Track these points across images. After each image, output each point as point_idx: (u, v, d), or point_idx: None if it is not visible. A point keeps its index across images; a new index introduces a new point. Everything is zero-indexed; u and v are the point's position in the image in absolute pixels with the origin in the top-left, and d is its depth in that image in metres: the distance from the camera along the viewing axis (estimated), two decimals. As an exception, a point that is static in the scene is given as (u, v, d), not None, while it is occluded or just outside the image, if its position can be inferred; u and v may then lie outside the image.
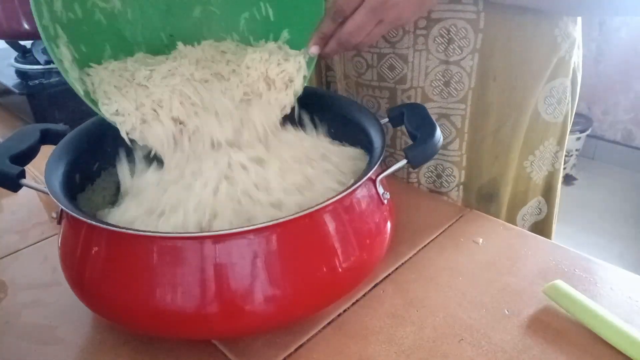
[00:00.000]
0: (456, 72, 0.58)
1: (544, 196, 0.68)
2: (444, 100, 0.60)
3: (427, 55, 0.58)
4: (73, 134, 0.47)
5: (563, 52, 0.59)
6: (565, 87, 0.62)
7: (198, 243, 0.34)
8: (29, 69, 0.87)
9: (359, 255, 0.39)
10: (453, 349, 0.39)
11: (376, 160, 0.41)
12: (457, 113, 0.61)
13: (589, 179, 2.22)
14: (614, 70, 2.21)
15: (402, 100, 0.62)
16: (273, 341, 0.40)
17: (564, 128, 0.65)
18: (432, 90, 0.60)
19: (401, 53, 0.58)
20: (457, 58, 0.57)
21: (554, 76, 0.60)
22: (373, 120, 0.47)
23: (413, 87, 0.60)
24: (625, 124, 2.27)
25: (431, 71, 0.59)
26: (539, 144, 0.64)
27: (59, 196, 0.38)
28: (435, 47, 0.57)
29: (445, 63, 0.58)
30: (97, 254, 0.37)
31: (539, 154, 0.64)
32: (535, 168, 0.65)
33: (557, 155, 0.66)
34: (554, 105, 0.62)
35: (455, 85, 0.59)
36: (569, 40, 0.59)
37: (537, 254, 0.49)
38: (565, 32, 0.58)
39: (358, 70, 0.63)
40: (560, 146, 0.66)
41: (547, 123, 0.63)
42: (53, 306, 0.44)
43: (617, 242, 1.83)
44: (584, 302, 0.40)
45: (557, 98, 0.62)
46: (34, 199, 0.63)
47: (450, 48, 0.57)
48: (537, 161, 0.65)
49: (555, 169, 0.67)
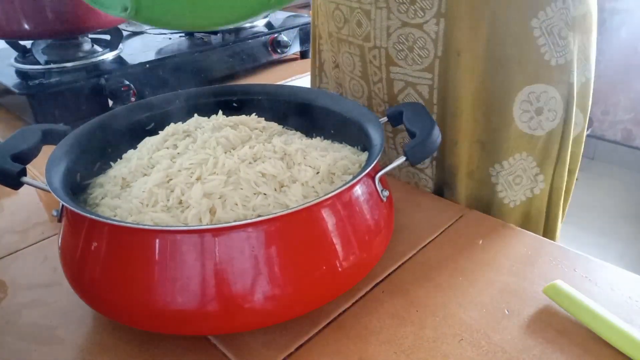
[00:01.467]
0: (419, 37, 0.54)
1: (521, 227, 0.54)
2: (410, 67, 0.57)
3: (389, 14, 0.55)
4: (74, 133, 0.47)
5: (547, 55, 0.53)
6: (549, 98, 0.55)
7: (198, 236, 0.34)
8: (29, 69, 0.87)
9: (358, 252, 0.39)
10: (453, 349, 0.39)
11: (375, 157, 0.41)
12: (423, 82, 0.57)
13: (589, 179, 2.23)
14: (614, 70, 2.21)
15: (370, 59, 0.60)
16: (273, 341, 0.40)
17: (547, 147, 0.57)
18: (397, 54, 0.57)
19: (365, 9, 0.56)
20: (420, 21, 0.53)
21: (535, 80, 0.54)
22: (372, 119, 0.48)
23: (377, 47, 0.58)
24: (625, 124, 2.27)
25: (393, 32, 0.55)
26: (509, 155, 0.57)
27: (60, 192, 0.38)
28: (397, 7, 0.54)
29: (407, 25, 0.54)
30: (98, 249, 0.37)
31: (508, 166, 0.57)
32: (502, 182, 0.58)
33: (536, 179, 0.58)
34: (530, 114, 0.55)
35: (419, 52, 0.55)
36: (552, 40, 0.52)
37: (537, 254, 0.49)
38: (548, 29, 0.51)
39: (337, 25, 0.62)
40: (542, 169, 0.58)
41: (521, 133, 0.56)
42: (53, 306, 0.45)
43: (617, 242, 1.83)
44: (584, 302, 0.40)
45: (537, 107, 0.55)
46: (34, 199, 0.63)
47: (412, 9, 0.53)
48: (505, 174, 0.58)
49: (535, 195, 0.59)
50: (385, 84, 0.60)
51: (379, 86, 0.61)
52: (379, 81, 0.61)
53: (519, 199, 0.60)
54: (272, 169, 0.42)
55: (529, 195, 0.60)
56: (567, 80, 0.55)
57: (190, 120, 0.53)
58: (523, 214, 0.61)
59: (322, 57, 0.72)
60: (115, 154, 0.51)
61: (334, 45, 0.65)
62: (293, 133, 0.55)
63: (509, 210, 0.60)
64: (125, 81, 0.85)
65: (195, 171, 0.43)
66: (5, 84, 0.82)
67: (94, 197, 0.45)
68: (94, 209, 0.43)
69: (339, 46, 0.63)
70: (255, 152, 0.45)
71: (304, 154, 0.46)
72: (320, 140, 0.52)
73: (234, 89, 0.59)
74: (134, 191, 0.43)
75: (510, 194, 0.59)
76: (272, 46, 1.07)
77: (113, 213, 0.41)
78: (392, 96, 0.60)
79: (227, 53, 1.01)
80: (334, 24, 0.62)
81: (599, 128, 2.33)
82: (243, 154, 0.45)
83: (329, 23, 0.64)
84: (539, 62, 0.53)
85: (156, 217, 0.39)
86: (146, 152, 0.48)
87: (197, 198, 0.39)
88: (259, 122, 0.53)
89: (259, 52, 1.06)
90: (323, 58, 0.72)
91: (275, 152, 0.46)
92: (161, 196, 0.41)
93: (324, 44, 0.69)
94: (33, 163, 0.45)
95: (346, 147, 0.52)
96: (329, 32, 0.64)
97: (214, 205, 0.39)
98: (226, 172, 0.42)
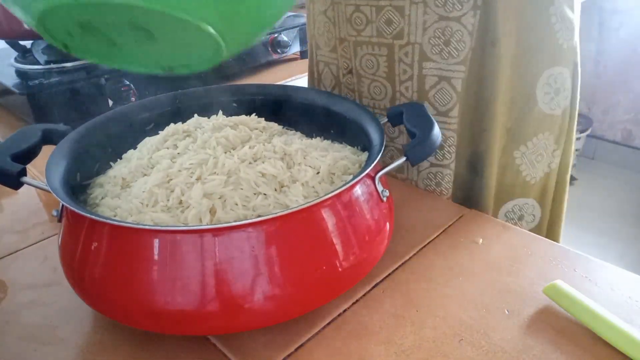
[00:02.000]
0: (457, 30, 0.55)
1: (538, 201, 0.64)
2: (444, 61, 0.57)
3: (425, 9, 0.55)
4: (74, 133, 0.47)
5: (560, 39, 0.57)
6: (564, 78, 0.60)
7: (198, 237, 0.34)
8: (29, 69, 0.87)
9: (358, 252, 0.39)
10: (453, 349, 0.39)
11: (375, 157, 0.41)
12: (457, 76, 0.57)
13: (589, 179, 2.22)
14: (614, 70, 2.21)
15: (400, 57, 0.59)
16: (273, 341, 0.40)
17: (562, 124, 0.62)
18: (432, 49, 0.57)
19: (397, 5, 0.56)
20: (458, 14, 0.54)
21: (553, 63, 0.58)
22: (372, 119, 0.48)
23: (410, 43, 0.58)
24: (625, 124, 2.27)
25: (429, 27, 0.56)
26: (532, 136, 0.61)
27: (60, 192, 0.38)
28: (434, 1, 0.54)
29: (445, 19, 0.54)
30: (98, 249, 0.37)
31: (532, 146, 0.61)
32: (526, 162, 0.62)
33: (553, 155, 0.63)
34: (551, 95, 0.59)
35: (456, 45, 0.56)
36: (564, 24, 0.56)
37: (537, 254, 0.49)
38: (561, 14, 0.55)
39: (357, 28, 0.61)
40: (558, 145, 0.63)
41: (544, 114, 0.60)
42: (53, 306, 0.44)
43: (617, 242, 1.83)
44: (584, 302, 0.40)
45: (555, 88, 0.59)
46: (34, 199, 0.63)
47: (450, 2, 0.53)
48: (530, 154, 0.61)
49: (552, 169, 0.64)
50: (416, 80, 0.60)
51: (407, 84, 0.61)
52: (408, 79, 0.61)
53: (539, 176, 0.63)
54: (272, 169, 0.42)
55: (546, 170, 0.64)
56: (574, 60, 0.60)
57: (190, 121, 0.53)
58: (541, 187, 0.65)
59: (320, 68, 0.71)
60: (115, 154, 0.51)
61: (347, 51, 0.64)
62: (293, 133, 0.55)
63: (530, 187, 0.63)
64: (125, 81, 0.85)
65: (195, 171, 0.43)
66: (5, 84, 0.82)
67: (94, 197, 0.45)
68: (94, 209, 0.43)
69: (355, 50, 0.63)
70: (255, 152, 0.45)
71: (304, 154, 0.46)
72: (320, 140, 0.52)
73: (234, 89, 0.59)
74: (134, 191, 0.43)
75: (532, 172, 0.63)
76: (272, 46, 1.07)
77: (113, 213, 0.41)
78: (423, 93, 0.60)
79: (227, 53, 1.01)
80: (351, 28, 0.62)
81: (599, 128, 2.33)
82: (243, 154, 0.45)
83: (341, 28, 0.63)
84: (555, 46, 0.57)
85: (156, 217, 0.39)
86: (146, 152, 0.48)
87: (197, 198, 0.39)
88: (259, 122, 0.53)
89: (259, 52, 1.06)
90: (321, 69, 0.71)
91: (276, 152, 0.46)
92: (161, 196, 0.41)
93: (324, 54, 0.69)
94: (33, 163, 0.45)
95: (346, 147, 0.52)
96: (341, 37, 0.64)
97: (214, 205, 0.39)
98: (226, 172, 0.42)
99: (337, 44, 0.65)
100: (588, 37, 2.21)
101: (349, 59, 0.65)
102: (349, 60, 0.65)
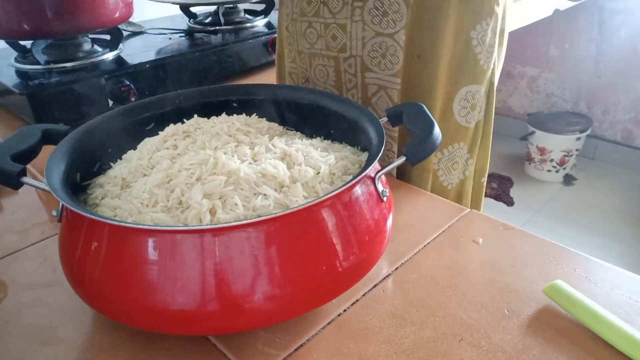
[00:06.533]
0: (391, 45, 0.62)
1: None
2: (382, 72, 0.64)
3: (364, 26, 0.63)
4: (74, 133, 0.47)
5: (481, 61, 0.63)
6: (480, 95, 0.65)
7: (198, 237, 0.34)
8: (29, 69, 0.87)
9: (358, 252, 0.39)
10: (453, 349, 0.39)
11: (375, 157, 0.41)
12: (393, 87, 0.65)
13: (589, 179, 2.22)
14: (614, 70, 2.20)
15: (345, 68, 0.67)
16: (273, 341, 0.40)
17: (475, 135, 0.68)
18: (371, 61, 0.64)
19: (340, 23, 0.64)
20: (391, 31, 0.61)
21: (472, 81, 0.64)
22: (372, 119, 0.48)
23: (352, 56, 0.65)
24: (625, 124, 2.27)
25: (368, 41, 0.63)
26: (448, 144, 0.67)
27: (60, 192, 0.38)
28: (371, 19, 0.62)
29: (381, 35, 0.62)
30: (98, 249, 0.37)
31: (447, 154, 0.68)
32: (442, 167, 0.68)
33: (467, 163, 0.70)
34: (467, 109, 0.65)
35: (391, 58, 0.63)
36: (484, 48, 0.62)
37: (537, 254, 0.49)
38: (482, 38, 0.61)
39: (310, 41, 0.69)
40: (471, 154, 0.69)
41: (459, 126, 0.66)
42: (53, 306, 0.45)
43: (617, 242, 1.83)
44: (584, 302, 0.40)
45: (472, 104, 0.65)
46: (34, 199, 0.63)
47: (385, 20, 0.61)
48: (445, 161, 0.68)
49: (466, 176, 0.70)
50: (360, 89, 0.68)
51: (353, 92, 0.69)
52: (353, 87, 0.68)
53: (454, 182, 0.71)
54: (272, 170, 0.42)
55: (461, 177, 0.71)
56: (490, 80, 0.67)
57: (190, 121, 0.53)
58: (457, 193, 0.72)
59: (285, 76, 0.79)
60: (115, 154, 0.51)
61: (304, 61, 0.72)
62: (293, 133, 0.55)
63: (447, 191, 0.70)
64: (125, 81, 0.85)
65: (195, 171, 0.42)
66: (5, 84, 0.82)
67: (94, 197, 0.45)
68: (94, 209, 0.43)
69: (310, 61, 0.71)
70: (255, 153, 0.45)
71: (304, 154, 0.46)
72: (321, 140, 0.52)
73: (234, 89, 0.59)
74: (134, 191, 0.43)
75: (448, 177, 0.70)
76: (272, 46, 1.07)
77: (113, 213, 0.41)
78: (366, 100, 0.68)
79: (227, 53, 1.01)
80: (305, 42, 0.69)
81: (599, 128, 2.33)
82: (243, 154, 0.45)
83: (299, 42, 0.71)
84: (476, 66, 0.63)
85: (156, 217, 0.39)
86: (146, 153, 0.48)
87: (197, 198, 0.39)
88: (259, 122, 0.53)
89: (259, 52, 1.06)
90: (286, 77, 0.79)
91: (276, 153, 0.46)
92: (161, 196, 0.41)
93: (288, 64, 0.76)
94: (33, 163, 0.45)
95: (346, 147, 0.52)
96: (299, 50, 0.72)
97: (214, 205, 0.39)
98: (226, 173, 0.42)
99: (296, 55, 0.73)
100: (588, 37, 2.21)
101: (305, 69, 0.72)
102: (305, 70, 0.72)
